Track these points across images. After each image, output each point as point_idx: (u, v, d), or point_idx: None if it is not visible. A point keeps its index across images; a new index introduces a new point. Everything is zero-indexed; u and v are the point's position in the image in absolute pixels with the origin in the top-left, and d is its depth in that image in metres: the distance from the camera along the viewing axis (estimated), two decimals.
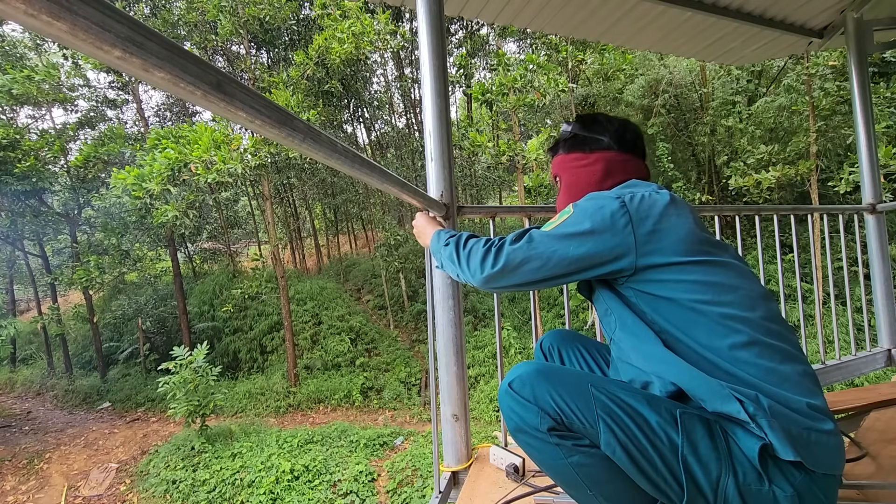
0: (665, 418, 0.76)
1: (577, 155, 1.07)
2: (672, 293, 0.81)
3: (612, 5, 2.18)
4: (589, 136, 1.06)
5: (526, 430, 0.81)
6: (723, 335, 0.78)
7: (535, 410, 0.79)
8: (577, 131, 1.08)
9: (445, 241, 1.01)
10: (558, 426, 0.78)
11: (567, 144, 1.10)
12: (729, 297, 0.80)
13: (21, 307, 17.99)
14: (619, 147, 1.04)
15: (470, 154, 8.96)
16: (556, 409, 0.78)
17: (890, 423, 1.59)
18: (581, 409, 0.78)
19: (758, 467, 0.71)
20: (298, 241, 18.80)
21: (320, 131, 0.62)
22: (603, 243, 0.83)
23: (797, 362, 0.78)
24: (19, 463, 8.08)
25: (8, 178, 10.46)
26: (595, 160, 1.04)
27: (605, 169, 1.03)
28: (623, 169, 1.03)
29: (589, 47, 10.13)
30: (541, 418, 0.79)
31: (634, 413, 0.76)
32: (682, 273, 0.81)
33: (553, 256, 0.84)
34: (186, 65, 0.38)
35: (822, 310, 6.75)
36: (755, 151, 8.79)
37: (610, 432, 0.75)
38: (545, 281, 0.86)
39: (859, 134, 2.37)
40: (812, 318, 8.45)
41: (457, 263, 0.95)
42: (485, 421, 8.54)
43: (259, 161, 8.13)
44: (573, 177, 1.07)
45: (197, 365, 7.66)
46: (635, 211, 0.83)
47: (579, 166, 1.06)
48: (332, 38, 8.96)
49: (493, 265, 0.87)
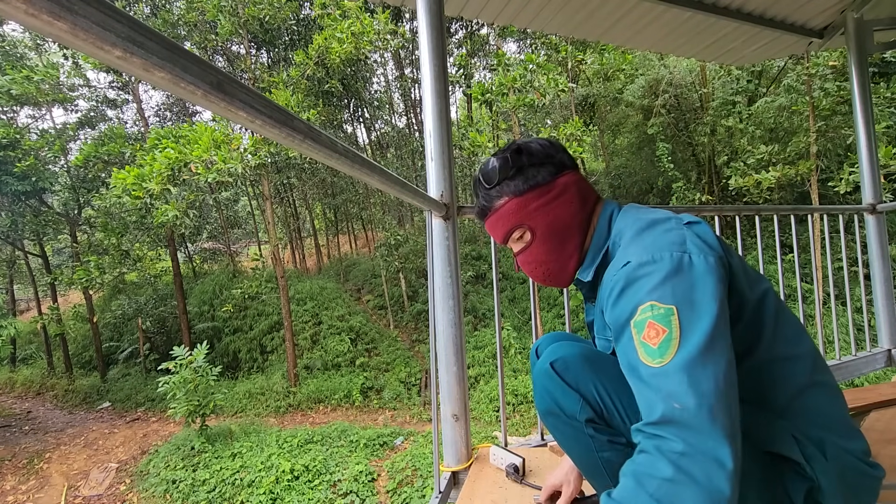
0: None
1: (538, 190, 0.82)
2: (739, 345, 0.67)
3: (612, 5, 2.18)
4: (539, 162, 0.83)
5: (560, 414, 0.76)
6: (783, 382, 0.71)
7: (577, 398, 0.74)
8: (520, 163, 0.83)
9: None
10: (597, 419, 0.73)
11: (517, 185, 0.83)
12: (787, 330, 0.71)
13: (21, 307, 18.00)
14: (572, 164, 0.86)
15: (470, 154, 8.95)
16: (599, 401, 0.73)
17: (890, 423, 1.59)
18: (625, 405, 0.72)
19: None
20: (298, 241, 18.81)
21: (320, 131, 0.62)
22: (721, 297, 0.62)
23: (841, 396, 0.73)
24: (19, 463, 8.08)
25: (8, 177, 10.47)
26: (563, 186, 0.82)
27: (579, 192, 0.83)
28: (589, 188, 0.86)
29: (589, 47, 10.14)
30: (581, 407, 0.73)
31: None
32: (747, 314, 0.70)
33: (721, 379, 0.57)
34: (187, 64, 0.38)
35: (822, 310, 6.75)
36: (755, 151, 8.79)
37: None
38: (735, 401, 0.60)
39: (859, 134, 2.37)
40: (812, 318, 8.45)
41: None
42: (485, 421, 8.54)
43: (259, 161, 8.13)
44: (549, 216, 0.82)
45: (197, 365, 7.66)
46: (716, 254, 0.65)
47: (549, 200, 0.82)
48: (331, 37, 8.97)
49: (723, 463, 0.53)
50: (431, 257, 1.39)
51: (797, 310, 7.12)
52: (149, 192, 7.43)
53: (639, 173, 13.49)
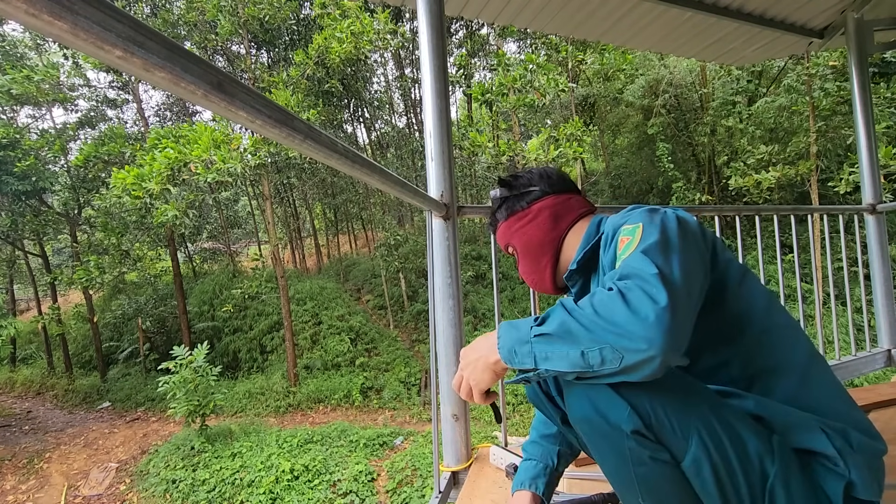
0: (764, 445, 0.67)
1: (517, 215, 1.02)
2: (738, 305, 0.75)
3: (612, 5, 2.18)
4: (520, 194, 1.02)
5: (598, 423, 0.70)
6: (792, 347, 0.73)
7: (625, 406, 0.67)
8: (506, 194, 1.03)
9: (536, 321, 0.68)
10: (644, 430, 0.67)
11: (504, 212, 1.04)
12: (779, 304, 0.76)
13: (21, 307, 18.00)
14: (553, 189, 1.00)
15: (470, 154, 8.96)
16: (650, 412, 0.67)
17: (890, 423, 1.59)
18: (678, 417, 0.67)
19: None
20: (298, 241, 18.81)
21: (320, 131, 0.62)
22: (691, 241, 0.71)
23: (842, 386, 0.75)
24: (19, 462, 8.08)
25: (8, 177, 10.47)
26: (538, 211, 0.99)
27: (552, 214, 0.98)
28: (568, 208, 0.99)
29: (589, 47, 10.14)
30: (629, 416, 0.67)
31: (733, 433, 0.67)
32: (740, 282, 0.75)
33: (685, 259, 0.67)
34: (187, 64, 0.38)
35: (822, 310, 6.75)
36: (755, 151, 8.80)
37: (702, 448, 0.66)
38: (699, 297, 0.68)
39: (859, 134, 2.37)
40: (812, 318, 8.45)
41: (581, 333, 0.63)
42: (485, 421, 8.54)
43: (259, 161, 8.13)
44: (524, 237, 1.00)
45: (197, 365, 7.66)
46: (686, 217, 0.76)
47: (525, 224, 1.00)
48: (331, 37, 8.96)
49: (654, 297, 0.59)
50: (431, 257, 1.39)
51: (797, 310, 7.11)
52: (149, 191, 7.43)
53: (639, 173, 13.50)
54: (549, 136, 8.31)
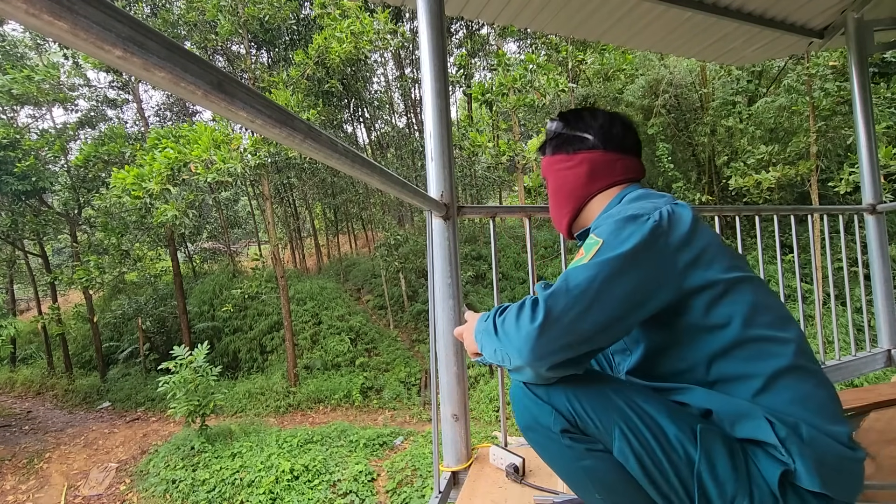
0: (685, 432, 0.72)
1: (560, 157, 1.01)
2: (713, 319, 0.75)
3: (612, 5, 2.18)
4: (572, 135, 0.99)
5: (537, 428, 0.79)
6: (763, 360, 0.74)
7: (549, 410, 0.77)
8: (561, 130, 1.01)
9: (484, 319, 0.81)
10: (571, 428, 0.76)
11: (552, 145, 1.04)
12: (767, 317, 0.76)
13: (21, 307, 17.99)
14: (605, 146, 0.97)
15: (470, 154, 8.96)
16: (571, 411, 0.76)
17: (890, 423, 1.59)
18: (598, 413, 0.75)
19: (776, 493, 0.68)
20: (298, 241, 18.82)
21: (320, 131, 0.62)
22: (646, 266, 0.73)
23: (829, 387, 0.76)
24: (19, 462, 8.08)
25: (8, 177, 10.47)
26: (579, 162, 0.98)
27: (590, 171, 0.97)
28: (610, 170, 0.97)
29: (589, 47, 10.14)
30: (554, 418, 0.76)
31: (652, 423, 0.73)
32: (721, 295, 0.75)
33: (597, 288, 0.70)
34: (187, 64, 0.38)
35: (822, 310, 6.75)
36: (755, 152, 8.80)
37: (624, 440, 0.72)
38: (599, 332, 0.71)
39: (859, 134, 2.37)
40: (812, 318, 8.45)
41: (494, 335, 0.75)
42: (485, 421, 8.54)
43: (259, 161, 8.13)
44: (558, 180, 1.02)
45: (197, 365, 7.66)
46: (669, 227, 0.76)
47: (563, 168, 1.00)
48: (331, 37, 8.97)
49: (532, 320, 0.69)
50: (431, 257, 1.39)
51: (797, 310, 7.11)
52: (148, 191, 7.43)
53: None
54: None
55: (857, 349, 2.34)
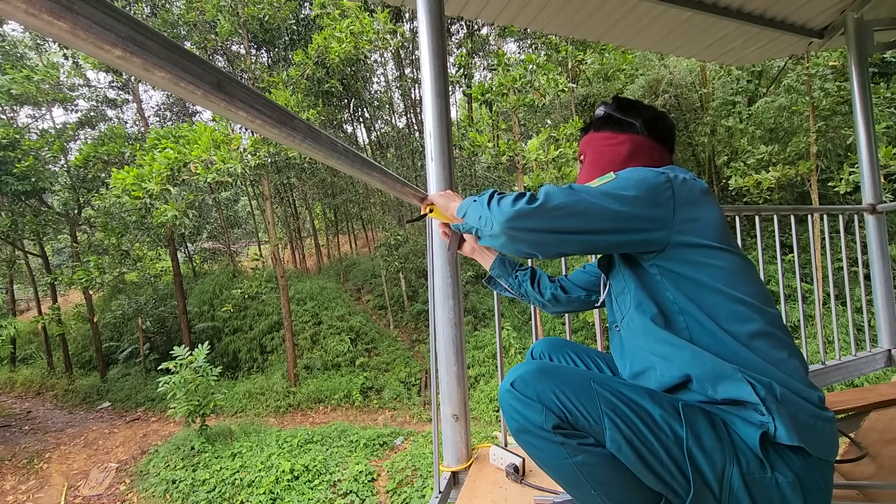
0: (668, 412, 0.76)
1: (607, 134, 1.08)
2: (698, 274, 0.82)
3: (612, 5, 2.18)
4: (622, 119, 1.06)
5: (529, 429, 0.80)
6: (742, 321, 0.79)
7: (539, 408, 0.78)
8: (612, 112, 1.08)
9: (478, 196, 0.92)
10: (563, 424, 0.78)
11: (599, 123, 1.10)
12: (749, 288, 0.82)
13: (21, 307, 17.99)
14: (650, 134, 1.04)
15: (470, 154, 8.96)
16: (561, 407, 0.77)
17: (890, 423, 1.59)
18: (586, 406, 0.77)
19: (759, 455, 0.72)
20: (298, 240, 18.82)
21: (320, 131, 0.62)
22: (644, 210, 0.81)
23: (801, 358, 0.81)
24: (19, 462, 8.08)
25: (8, 177, 10.46)
26: (623, 140, 1.05)
27: (631, 150, 1.03)
28: (649, 154, 1.03)
29: (589, 47, 10.13)
30: (545, 416, 0.78)
31: (638, 408, 0.76)
32: (709, 257, 0.83)
33: (593, 207, 0.79)
34: (187, 64, 0.38)
35: (822, 310, 6.75)
36: (755, 152, 8.80)
37: (615, 428, 0.75)
38: (576, 234, 0.80)
39: (859, 134, 2.37)
40: (812, 318, 8.45)
41: (485, 206, 0.85)
42: (485, 421, 8.54)
43: (259, 161, 8.13)
44: (598, 153, 1.08)
45: (197, 365, 7.66)
46: (678, 189, 0.84)
47: (606, 144, 1.07)
48: (331, 37, 8.96)
49: (529, 202, 0.79)
50: (431, 257, 1.39)
51: (797, 310, 7.12)
52: (148, 192, 7.43)
53: None
54: (549, 136, 8.31)
55: (858, 349, 2.34)
